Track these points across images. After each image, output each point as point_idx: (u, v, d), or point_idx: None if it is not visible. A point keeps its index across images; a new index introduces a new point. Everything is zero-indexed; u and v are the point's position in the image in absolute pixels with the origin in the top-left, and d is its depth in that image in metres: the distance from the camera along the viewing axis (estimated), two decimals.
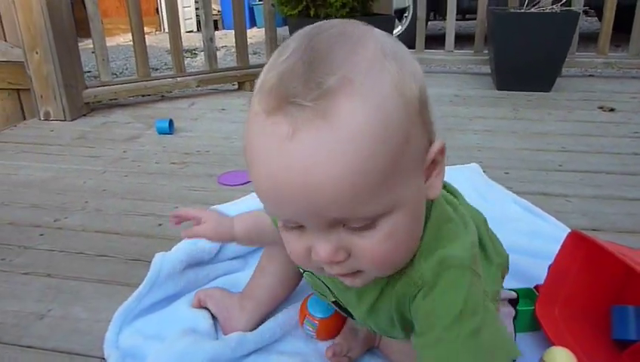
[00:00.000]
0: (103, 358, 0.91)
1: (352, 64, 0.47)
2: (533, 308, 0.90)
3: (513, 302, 0.90)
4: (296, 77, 0.47)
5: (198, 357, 0.82)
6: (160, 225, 1.39)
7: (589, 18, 5.83)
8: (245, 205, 1.36)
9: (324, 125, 0.45)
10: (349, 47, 0.48)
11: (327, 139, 0.45)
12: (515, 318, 0.89)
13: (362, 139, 0.46)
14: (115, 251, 1.26)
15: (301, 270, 0.79)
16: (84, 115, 2.51)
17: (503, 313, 0.86)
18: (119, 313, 0.96)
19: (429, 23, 4.66)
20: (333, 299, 0.76)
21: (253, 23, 7.46)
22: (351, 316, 0.77)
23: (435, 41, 3.87)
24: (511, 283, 0.95)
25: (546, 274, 0.94)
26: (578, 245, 0.90)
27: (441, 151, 0.54)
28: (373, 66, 0.48)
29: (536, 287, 0.96)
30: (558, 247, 0.94)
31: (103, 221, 1.43)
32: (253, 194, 0.55)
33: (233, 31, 2.95)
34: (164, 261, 1.01)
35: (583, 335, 0.86)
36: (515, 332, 0.87)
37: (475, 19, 3.20)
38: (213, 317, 0.96)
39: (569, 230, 1.21)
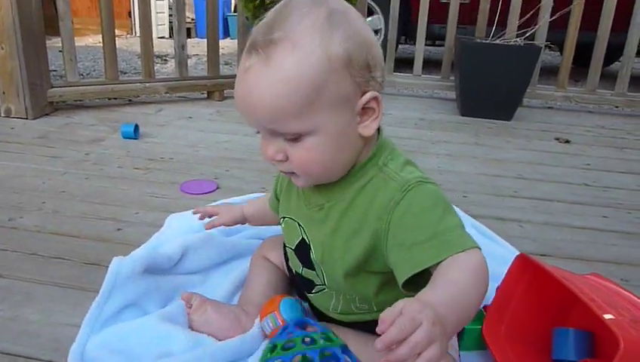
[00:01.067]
0: (51, 361, 0.90)
1: (297, 27, 0.67)
2: (480, 327, 0.94)
3: None
4: (262, 30, 0.68)
5: None
6: (119, 229, 1.38)
7: (552, 52, 6.08)
8: None
9: (264, 66, 0.67)
10: (302, 14, 0.67)
11: (264, 76, 0.67)
12: (460, 337, 0.92)
13: (286, 79, 0.66)
14: (70, 254, 1.24)
15: (280, 218, 0.92)
16: (47, 115, 2.46)
17: None
18: (85, 324, 0.92)
19: (400, 46, 4.77)
20: (301, 238, 0.85)
21: (227, 34, 7.46)
22: (310, 265, 0.86)
23: (404, 63, 3.97)
24: None
25: (494, 295, 0.98)
26: (524, 268, 0.94)
27: (375, 100, 0.72)
28: (313, 31, 0.67)
29: (485, 308, 0.99)
30: (506, 269, 0.98)
31: (60, 223, 1.40)
32: (213, 203, 0.60)
33: (206, 39, 2.96)
34: (121, 264, 0.99)
35: (526, 355, 0.90)
36: (460, 350, 0.91)
37: (443, 45, 3.31)
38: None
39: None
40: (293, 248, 0.89)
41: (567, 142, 2.52)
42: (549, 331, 0.92)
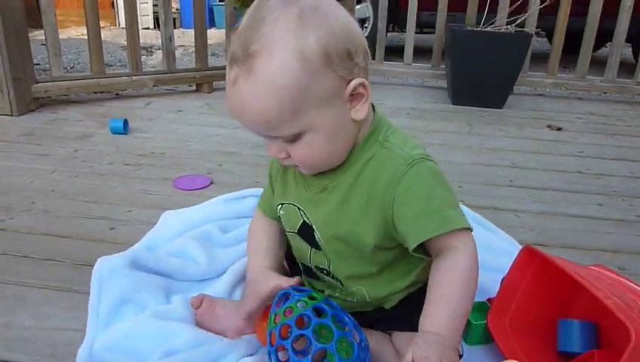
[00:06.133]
0: None
1: (271, 35, 0.68)
2: (485, 322, 0.93)
3: None
4: (239, 44, 0.70)
5: None
6: (112, 228, 1.35)
7: (540, 38, 6.09)
8: (201, 212, 1.33)
9: (249, 78, 0.69)
10: (274, 20, 0.68)
11: (250, 88, 0.69)
12: (467, 332, 0.92)
13: (271, 90, 0.68)
14: (63, 255, 1.21)
15: (278, 205, 0.91)
16: (33, 111, 2.40)
17: None
18: (89, 328, 0.93)
19: (388, 34, 4.74)
20: (302, 220, 0.86)
21: (212, 24, 7.36)
22: (317, 245, 0.85)
23: (393, 52, 3.94)
24: None
25: (498, 287, 0.97)
26: (530, 259, 0.93)
27: (362, 86, 0.73)
28: (287, 35, 0.68)
29: (489, 300, 0.99)
30: (507, 260, 0.97)
31: (51, 223, 1.37)
32: (210, 201, 0.88)
33: (192, 30, 2.90)
34: (102, 263, 1.01)
35: (531, 347, 0.90)
36: (466, 344, 0.90)
37: (432, 32, 3.28)
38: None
39: (518, 244, 1.26)
40: (295, 231, 0.89)
41: (559, 129, 2.52)
42: (555, 322, 0.92)
